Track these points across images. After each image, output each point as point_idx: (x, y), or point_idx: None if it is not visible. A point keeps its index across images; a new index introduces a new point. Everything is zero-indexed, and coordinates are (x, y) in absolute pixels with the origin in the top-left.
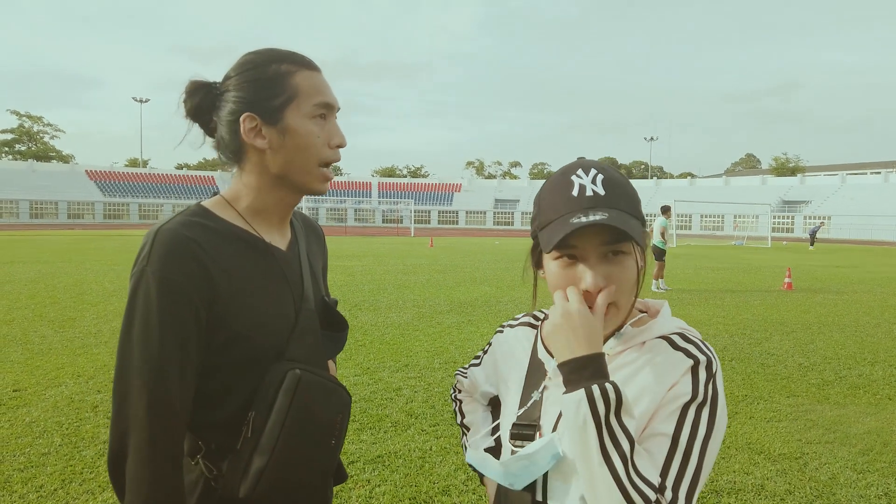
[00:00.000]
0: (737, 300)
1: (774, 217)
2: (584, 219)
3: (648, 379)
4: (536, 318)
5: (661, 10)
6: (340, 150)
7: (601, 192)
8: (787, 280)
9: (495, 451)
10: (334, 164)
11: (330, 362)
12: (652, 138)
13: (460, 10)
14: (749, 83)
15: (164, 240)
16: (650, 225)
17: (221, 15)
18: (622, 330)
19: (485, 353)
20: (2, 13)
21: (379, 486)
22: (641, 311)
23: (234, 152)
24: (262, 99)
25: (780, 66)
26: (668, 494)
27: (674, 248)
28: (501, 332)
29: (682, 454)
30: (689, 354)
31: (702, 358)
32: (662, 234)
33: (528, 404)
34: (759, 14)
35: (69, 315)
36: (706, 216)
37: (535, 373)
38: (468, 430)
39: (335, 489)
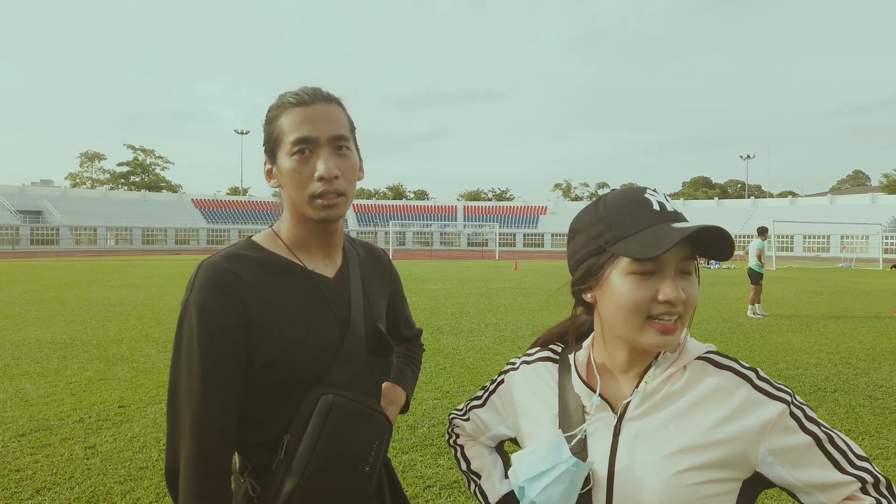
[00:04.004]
0: (842, 327)
1: (887, 237)
2: (686, 225)
3: (733, 418)
4: (555, 352)
5: (754, 23)
6: (330, 179)
7: (679, 209)
8: None
9: (511, 496)
10: (323, 193)
11: (395, 387)
12: (748, 156)
13: (544, 33)
14: (856, 95)
15: (204, 272)
16: (744, 247)
17: (316, 50)
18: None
19: (490, 392)
20: (119, 55)
21: None
22: None
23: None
24: (267, 144)
25: (892, 77)
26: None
27: (773, 270)
28: (516, 368)
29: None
30: (773, 396)
31: (787, 397)
32: (759, 257)
33: (572, 444)
34: (865, 22)
35: (172, 335)
36: (809, 237)
37: (568, 409)
38: (479, 475)
39: None
